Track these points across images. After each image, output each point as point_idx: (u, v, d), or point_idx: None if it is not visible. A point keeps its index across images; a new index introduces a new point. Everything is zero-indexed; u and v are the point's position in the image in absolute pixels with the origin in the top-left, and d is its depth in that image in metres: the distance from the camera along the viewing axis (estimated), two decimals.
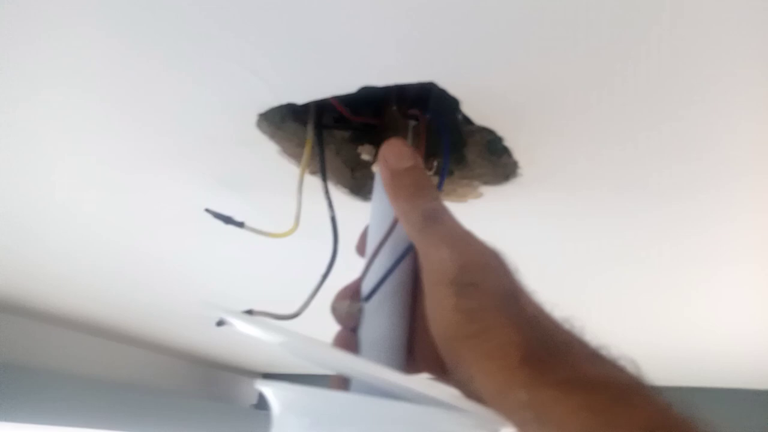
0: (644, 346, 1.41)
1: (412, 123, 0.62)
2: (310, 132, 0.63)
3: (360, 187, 0.79)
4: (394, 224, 0.57)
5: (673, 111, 0.58)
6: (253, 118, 0.61)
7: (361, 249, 0.60)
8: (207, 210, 0.68)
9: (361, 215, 0.68)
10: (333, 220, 0.66)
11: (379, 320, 0.55)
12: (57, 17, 0.50)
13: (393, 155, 0.52)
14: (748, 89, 0.54)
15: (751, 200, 0.75)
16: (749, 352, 1.44)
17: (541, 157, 0.68)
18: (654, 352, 1.50)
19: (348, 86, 0.54)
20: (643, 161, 0.68)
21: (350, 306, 0.54)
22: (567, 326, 0.43)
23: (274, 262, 1.08)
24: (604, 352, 0.41)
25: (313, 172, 0.69)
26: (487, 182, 0.75)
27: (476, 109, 0.58)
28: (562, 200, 0.79)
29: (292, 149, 0.67)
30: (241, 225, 0.68)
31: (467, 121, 0.61)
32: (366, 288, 0.56)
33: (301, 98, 0.57)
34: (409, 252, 0.57)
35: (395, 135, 0.63)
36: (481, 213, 0.82)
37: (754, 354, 1.45)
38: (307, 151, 0.62)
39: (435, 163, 0.64)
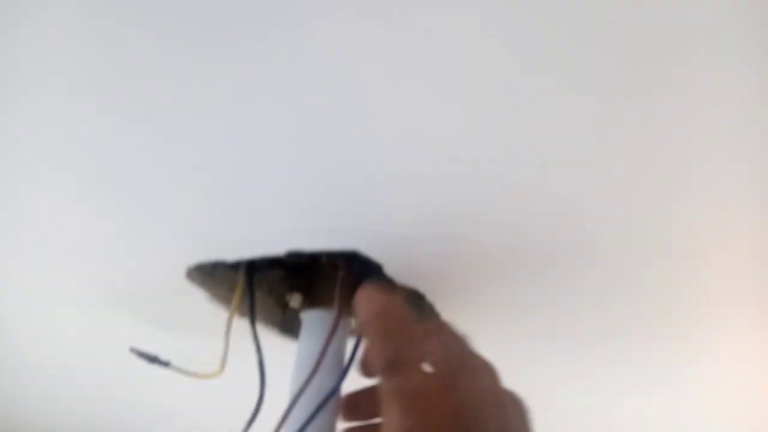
0: None
1: (341, 273, 0.66)
2: (241, 278, 0.66)
3: (291, 326, 0.80)
4: (316, 369, 0.58)
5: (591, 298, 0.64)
6: (183, 270, 0.63)
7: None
8: (131, 349, 0.69)
9: (290, 353, 0.70)
10: (260, 364, 0.67)
11: None
12: None
13: (363, 301, 0.50)
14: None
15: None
16: None
17: (461, 314, 0.73)
18: None
19: (275, 250, 0.58)
20: (555, 320, 0.73)
21: None
22: None
23: (203, 404, 1.06)
24: None
25: (243, 315, 0.71)
26: None
27: (397, 272, 0.62)
28: (483, 345, 0.83)
29: (222, 294, 0.69)
30: (166, 365, 0.69)
31: None
32: None
33: (230, 257, 0.60)
34: (333, 397, 0.58)
35: (325, 282, 0.67)
36: None
37: None
38: (236, 297, 0.65)
39: None
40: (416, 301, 0.72)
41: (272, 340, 0.79)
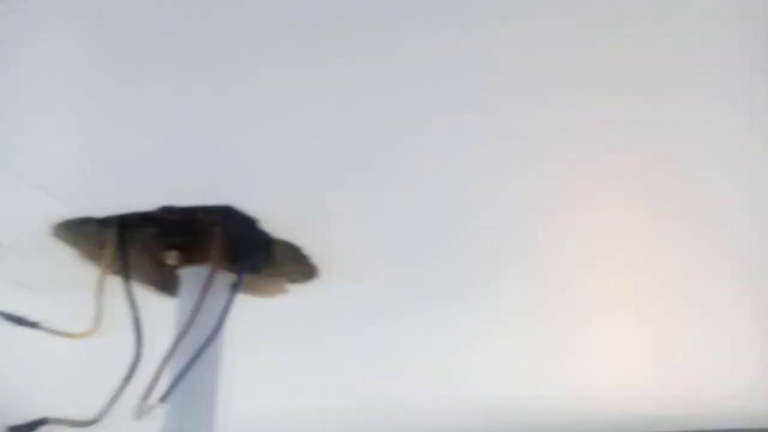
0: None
1: (218, 228, 0.66)
2: (112, 235, 0.64)
3: (169, 284, 0.80)
4: (191, 323, 0.59)
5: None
6: (48, 228, 0.61)
7: None
8: None
9: (169, 311, 0.70)
10: (136, 321, 0.67)
11: (179, 422, 0.57)
12: None
13: None
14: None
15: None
16: None
17: (342, 267, 0.76)
18: None
19: (147, 205, 0.57)
20: (427, 270, 0.78)
21: (141, 408, 0.54)
22: None
23: (76, 365, 1.03)
24: None
25: (116, 273, 0.70)
26: (293, 280, 0.80)
27: (273, 225, 0.64)
28: (362, 298, 0.86)
29: (93, 251, 0.67)
30: (34, 325, 0.67)
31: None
32: (163, 388, 0.58)
33: (99, 213, 0.59)
34: (209, 349, 0.59)
35: (201, 239, 0.67)
36: (289, 309, 0.87)
37: None
38: (108, 254, 0.63)
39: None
40: (294, 254, 0.74)
41: (151, 298, 0.78)
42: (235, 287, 0.62)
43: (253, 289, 0.81)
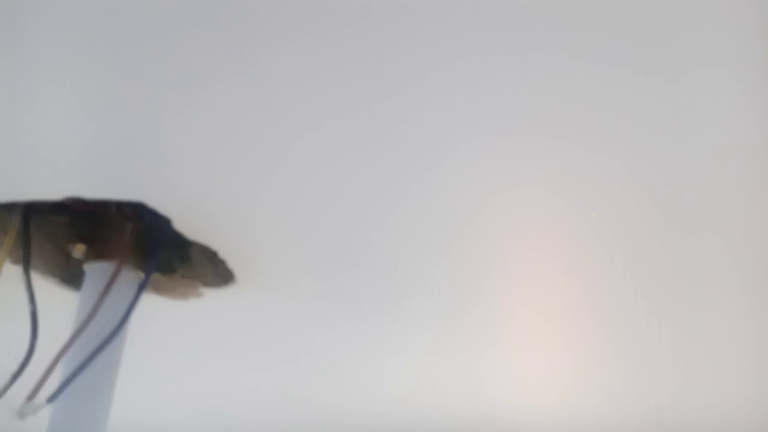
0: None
1: (130, 224, 0.64)
2: (15, 221, 0.61)
3: (73, 277, 0.76)
4: (91, 318, 0.57)
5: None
6: None
7: None
8: None
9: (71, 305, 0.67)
10: (33, 315, 0.63)
11: (64, 424, 0.54)
12: None
13: None
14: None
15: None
16: None
17: (257, 273, 0.74)
18: None
19: (50, 194, 0.55)
20: (343, 281, 0.78)
21: (25, 407, 0.52)
22: None
23: None
24: None
25: (15, 262, 0.66)
26: (207, 283, 0.78)
27: (187, 227, 0.62)
28: (276, 307, 0.85)
29: None
30: None
31: None
32: (52, 386, 0.55)
33: (2, 197, 0.56)
34: (108, 348, 0.57)
35: (112, 234, 0.64)
36: (202, 312, 0.85)
37: None
38: (8, 241, 0.60)
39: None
40: (210, 258, 0.72)
41: (55, 291, 0.75)
42: (142, 286, 0.60)
43: (165, 290, 0.79)
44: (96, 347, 0.55)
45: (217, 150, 0.53)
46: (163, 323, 0.89)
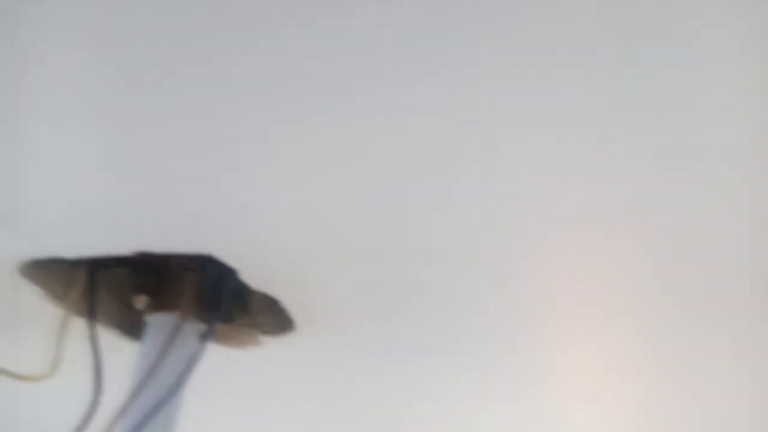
0: None
1: (193, 276, 0.64)
2: (81, 276, 0.61)
3: (134, 327, 0.76)
4: (154, 370, 0.56)
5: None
6: (14, 265, 0.58)
7: None
8: None
9: (132, 356, 0.67)
10: (96, 367, 0.63)
11: None
12: None
13: None
14: None
15: None
16: None
17: (318, 321, 0.73)
18: None
19: (122, 249, 0.55)
20: (406, 328, 0.76)
21: None
22: None
23: (29, 409, 0.98)
24: None
25: (81, 314, 0.67)
26: (267, 332, 0.77)
27: (252, 277, 0.61)
28: (336, 358, 0.84)
29: (59, 291, 0.64)
30: None
31: None
32: None
33: (70, 254, 0.56)
34: (171, 400, 0.56)
35: (174, 285, 0.64)
36: (260, 360, 0.84)
37: None
38: (74, 295, 0.60)
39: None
40: (271, 306, 0.71)
41: (113, 340, 0.75)
42: (206, 337, 0.59)
43: (223, 339, 0.78)
44: (160, 400, 0.54)
45: (280, 202, 0.53)
46: (220, 371, 0.89)
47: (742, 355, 0.79)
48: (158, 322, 0.64)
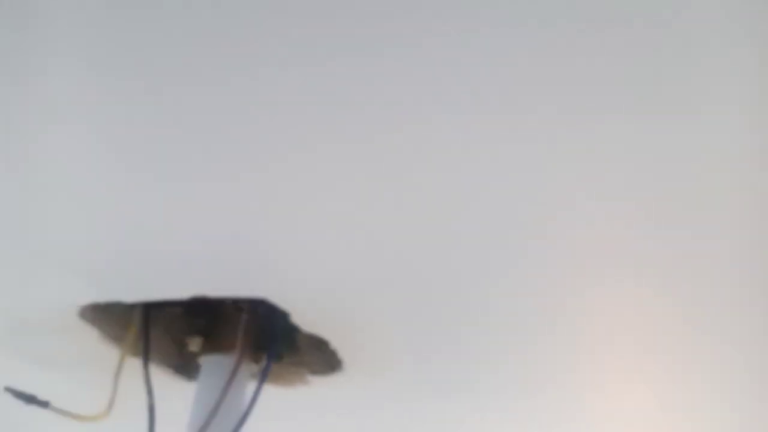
0: None
1: (246, 318, 0.64)
2: (137, 318, 0.62)
3: (187, 368, 0.77)
4: (214, 414, 0.56)
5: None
6: (71, 308, 0.60)
7: None
8: (7, 389, 0.64)
9: (184, 396, 0.67)
10: (151, 409, 0.64)
11: None
12: None
13: None
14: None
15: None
16: None
17: (365, 360, 0.73)
18: None
19: (178, 294, 0.56)
20: (451, 368, 0.75)
21: None
22: None
23: None
24: None
25: (136, 355, 0.68)
26: (314, 372, 0.77)
27: (303, 320, 0.62)
28: (383, 397, 0.83)
29: (115, 332, 0.65)
30: (45, 405, 0.64)
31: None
32: None
33: (128, 298, 0.58)
34: None
35: (227, 327, 0.65)
36: (307, 399, 0.84)
37: None
38: (130, 337, 0.61)
39: (264, 356, 0.66)
40: (320, 347, 0.71)
41: (167, 381, 0.75)
42: (263, 378, 0.59)
43: (272, 378, 0.78)
44: None
45: (334, 247, 0.53)
46: (270, 410, 0.89)
47: None
48: (212, 363, 0.65)
